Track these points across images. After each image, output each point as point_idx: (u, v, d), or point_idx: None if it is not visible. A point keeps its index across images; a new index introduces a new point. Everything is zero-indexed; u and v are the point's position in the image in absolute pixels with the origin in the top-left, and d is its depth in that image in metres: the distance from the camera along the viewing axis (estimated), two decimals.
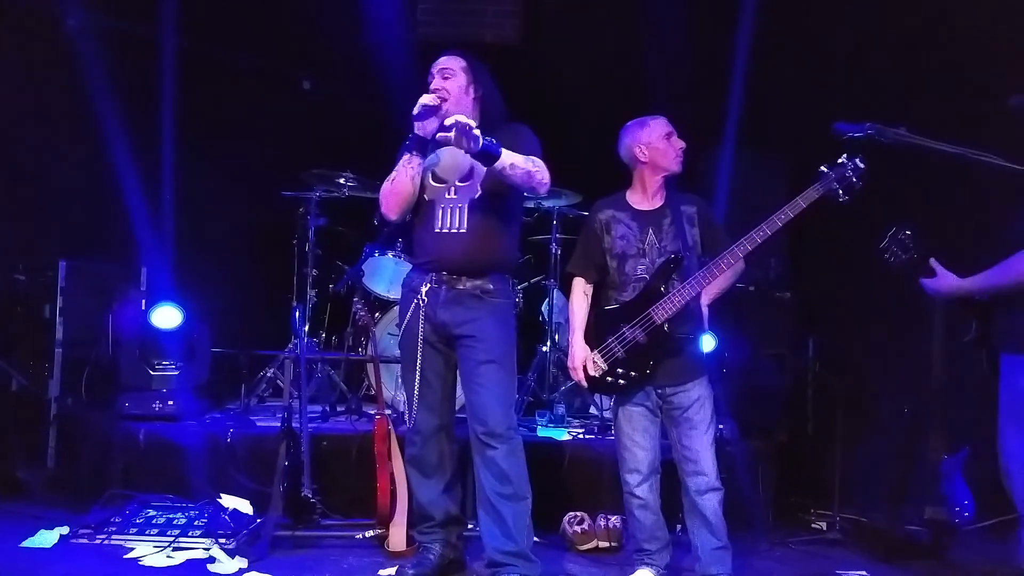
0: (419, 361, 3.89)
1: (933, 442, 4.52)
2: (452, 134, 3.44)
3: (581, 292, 4.06)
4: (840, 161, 3.64)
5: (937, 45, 5.09)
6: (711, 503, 3.79)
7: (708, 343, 3.96)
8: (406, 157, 3.82)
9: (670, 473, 3.97)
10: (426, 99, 3.76)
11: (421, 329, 3.86)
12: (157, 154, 6.11)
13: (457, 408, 4.10)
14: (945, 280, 3.89)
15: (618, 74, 6.55)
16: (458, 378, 3.95)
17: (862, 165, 3.62)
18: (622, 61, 6.51)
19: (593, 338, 3.94)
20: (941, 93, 4.96)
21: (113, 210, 5.78)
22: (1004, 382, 3.79)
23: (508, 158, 3.58)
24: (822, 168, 3.67)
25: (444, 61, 3.93)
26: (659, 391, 3.87)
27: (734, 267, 3.81)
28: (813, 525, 4.99)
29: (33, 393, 5.27)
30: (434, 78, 3.90)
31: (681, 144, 3.96)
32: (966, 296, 3.91)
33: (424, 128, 3.77)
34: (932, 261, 3.86)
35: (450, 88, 3.86)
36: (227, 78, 6.65)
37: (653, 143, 3.94)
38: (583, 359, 3.93)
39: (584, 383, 3.96)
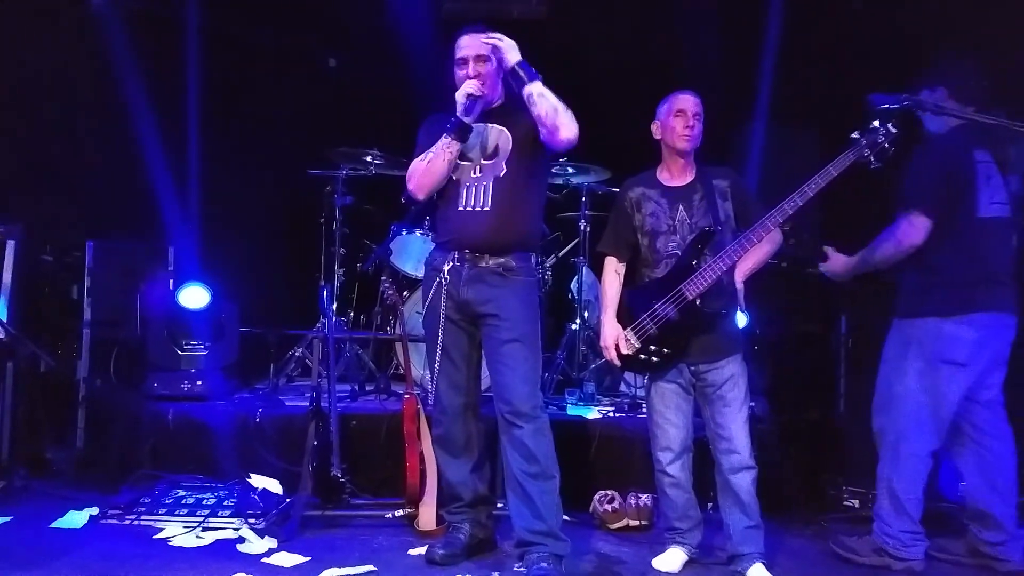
0: (440, 338, 3.86)
1: None
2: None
3: (613, 271, 4.02)
4: (872, 126, 3.54)
5: (972, 16, 4.98)
6: (744, 482, 3.74)
7: (740, 320, 3.91)
8: (446, 140, 3.76)
9: (702, 451, 3.93)
10: (471, 89, 3.71)
11: (443, 307, 3.83)
12: (183, 133, 6.13)
13: (484, 387, 4.07)
14: (838, 261, 4.12)
15: (648, 48, 6.49)
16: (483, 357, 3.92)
17: (895, 130, 3.52)
18: (652, 35, 6.44)
19: (626, 316, 3.89)
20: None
21: (140, 190, 5.79)
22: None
23: (540, 87, 3.62)
24: (854, 135, 3.58)
25: (473, 46, 3.82)
26: (692, 368, 3.81)
27: (770, 239, 3.75)
28: (845, 503, 4.91)
29: (61, 374, 5.27)
30: (467, 63, 3.80)
31: (689, 122, 3.81)
32: (864, 275, 4.09)
33: (468, 114, 3.74)
34: (825, 247, 3.96)
35: (485, 72, 3.80)
36: (252, 56, 6.66)
37: (663, 120, 3.88)
38: (614, 337, 3.89)
39: (616, 362, 3.92)
